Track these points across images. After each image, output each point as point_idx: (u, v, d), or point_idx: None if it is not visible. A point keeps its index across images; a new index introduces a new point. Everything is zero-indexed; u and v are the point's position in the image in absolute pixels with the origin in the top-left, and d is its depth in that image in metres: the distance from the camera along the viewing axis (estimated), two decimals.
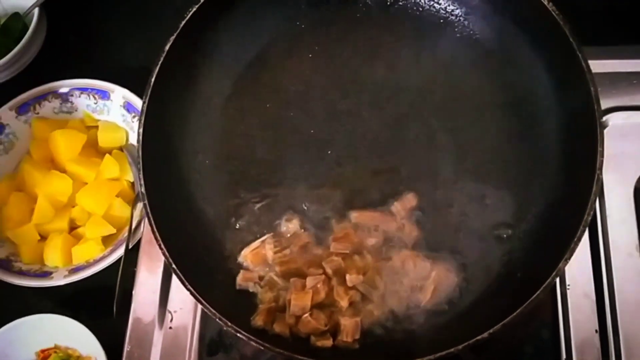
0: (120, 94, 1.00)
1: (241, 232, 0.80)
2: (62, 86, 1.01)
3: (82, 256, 0.92)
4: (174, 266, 0.71)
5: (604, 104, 0.71)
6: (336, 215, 0.80)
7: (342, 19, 0.87)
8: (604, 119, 0.71)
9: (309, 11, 0.87)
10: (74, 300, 0.94)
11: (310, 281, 0.75)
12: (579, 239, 0.67)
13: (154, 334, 0.83)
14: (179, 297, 0.85)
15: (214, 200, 0.82)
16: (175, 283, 0.85)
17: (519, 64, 0.81)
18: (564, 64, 0.74)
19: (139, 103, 0.98)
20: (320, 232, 0.79)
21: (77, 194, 0.94)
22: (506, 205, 0.78)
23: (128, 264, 0.87)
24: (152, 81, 0.77)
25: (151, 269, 0.87)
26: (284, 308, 0.75)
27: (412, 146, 0.82)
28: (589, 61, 0.71)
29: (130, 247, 0.89)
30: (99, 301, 0.88)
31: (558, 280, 0.80)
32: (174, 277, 0.84)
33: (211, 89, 0.85)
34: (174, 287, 0.85)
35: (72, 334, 0.85)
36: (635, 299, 0.79)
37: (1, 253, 0.93)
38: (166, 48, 0.77)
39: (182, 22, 0.78)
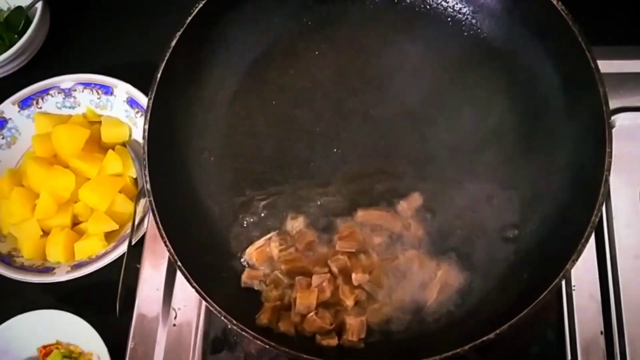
0: (123, 89, 0.99)
1: (246, 229, 0.80)
2: (65, 81, 1.01)
3: (85, 252, 0.91)
4: (179, 263, 0.71)
5: (611, 104, 0.71)
6: (342, 214, 0.80)
7: (349, 16, 0.87)
8: (611, 119, 0.70)
9: (316, 8, 0.87)
10: (76, 297, 0.94)
11: (316, 280, 0.75)
12: (586, 240, 0.67)
13: (157, 331, 0.83)
14: (183, 294, 0.85)
15: (219, 197, 0.82)
16: (179, 280, 0.85)
17: (526, 63, 0.81)
18: (572, 63, 0.74)
19: (142, 98, 0.98)
20: (326, 230, 0.79)
21: (80, 189, 0.94)
22: (513, 205, 0.78)
23: (130, 260, 0.86)
24: (158, 77, 0.76)
25: (155, 266, 0.86)
26: (289, 306, 0.75)
27: (417, 145, 0.82)
28: (597, 61, 0.71)
29: (133, 243, 0.88)
30: (101, 297, 0.88)
31: (564, 281, 0.80)
32: (178, 274, 0.84)
33: (217, 85, 0.85)
34: (178, 284, 0.85)
35: (74, 330, 0.85)
36: None
37: (3, 248, 0.93)
38: (172, 44, 0.77)
39: (189, 17, 0.78)
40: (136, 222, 0.90)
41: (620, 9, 1.04)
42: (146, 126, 0.75)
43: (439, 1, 0.85)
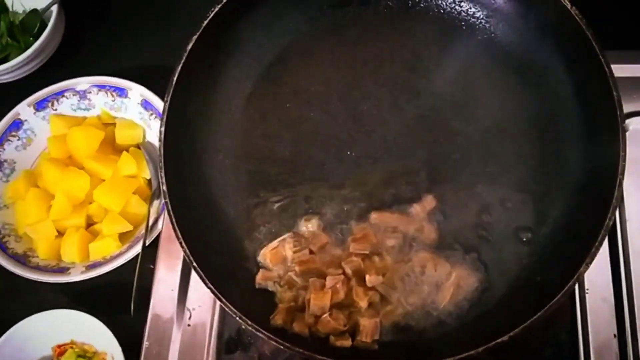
0: (137, 91, 1.00)
1: (261, 231, 0.81)
2: (80, 83, 1.01)
3: (99, 252, 0.92)
4: (194, 264, 0.71)
5: (624, 108, 0.71)
6: (355, 216, 0.80)
7: (363, 20, 0.87)
8: (624, 123, 0.71)
9: (330, 12, 0.87)
10: (90, 297, 0.94)
11: (330, 281, 0.75)
12: (600, 244, 0.67)
13: (172, 331, 0.84)
14: (197, 294, 0.85)
15: (234, 199, 0.82)
16: (193, 280, 0.86)
17: (540, 67, 0.81)
18: (586, 67, 0.74)
19: (156, 101, 0.98)
20: (340, 232, 0.80)
21: (95, 190, 0.95)
22: (527, 208, 0.78)
23: (145, 261, 0.87)
24: (174, 80, 0.77)
25: (170, 266, 0.87)
26: (303, 307, 0.75)
27: (432, 148, 0.82)
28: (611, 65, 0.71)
29: (147, 244, 0.89)
30: (115, 297, 0.89)
31: (577, 284, 0.80)
32: (192, 275, 0.85)
33: (232, 88, 0.85)
34: (192, 284, 0.86)
35: (89, 329, 0.86)
36: None
37: (18, 248, 0.94)
38: (188, 47, 0.78)
39: (205, 21, 0.78)
40: (150, 223, 0.91)
41: (634, 12, 1.03)
42: (162, 128, 0.76)
43: (453, 5, 0.86)
